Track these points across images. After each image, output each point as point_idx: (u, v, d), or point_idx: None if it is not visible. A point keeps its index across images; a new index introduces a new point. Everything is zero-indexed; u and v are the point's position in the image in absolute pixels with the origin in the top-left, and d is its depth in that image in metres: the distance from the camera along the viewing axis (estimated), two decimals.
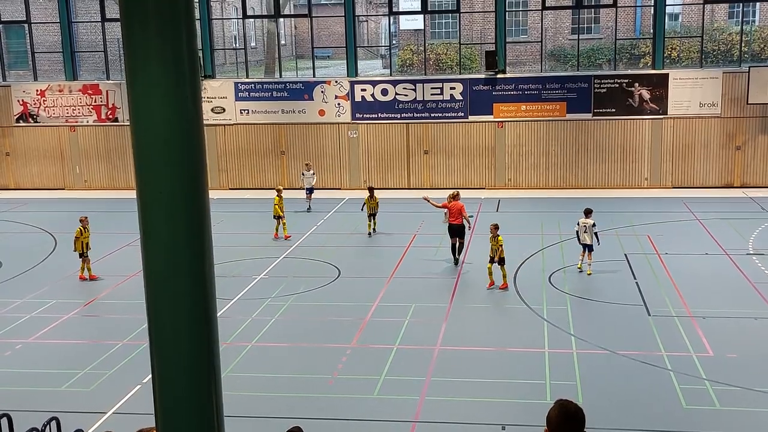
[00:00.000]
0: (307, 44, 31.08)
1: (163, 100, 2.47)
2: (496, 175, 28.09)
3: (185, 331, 2.64)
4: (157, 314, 2.65)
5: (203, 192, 2.59)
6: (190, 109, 2.52)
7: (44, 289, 18.05)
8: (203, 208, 2.60)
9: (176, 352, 2.64)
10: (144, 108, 2.48)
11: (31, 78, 30.87)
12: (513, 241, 21.05)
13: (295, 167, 28.86)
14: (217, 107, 28.97)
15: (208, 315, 2.66)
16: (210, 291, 2.65)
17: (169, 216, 2.54)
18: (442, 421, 11.34)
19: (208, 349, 2.69)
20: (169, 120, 2.49)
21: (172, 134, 2.49)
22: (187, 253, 2.56)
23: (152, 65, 2.45)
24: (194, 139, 2.55)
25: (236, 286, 17.84)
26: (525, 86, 27.52)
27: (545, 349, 13.88)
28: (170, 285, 2.60)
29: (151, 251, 2.56)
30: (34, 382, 12.98)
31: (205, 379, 2.70)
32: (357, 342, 14.51)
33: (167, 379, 2.70)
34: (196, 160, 2.56)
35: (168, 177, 2.51)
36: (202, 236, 2.60)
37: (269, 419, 11.03)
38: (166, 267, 2.57)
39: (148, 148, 2.50)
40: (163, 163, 2.50)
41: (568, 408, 3.91)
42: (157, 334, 2.67)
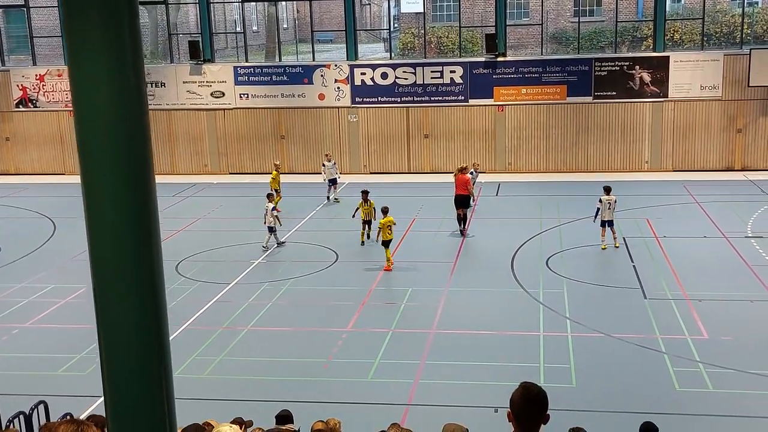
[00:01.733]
0: (309, 28, 30.94)
1: (105, 84, 2.47)
2: (497, 158, 28.03)
3: (132, 317, 2.65)
4: (103, 299, 2.66)
5: (148, 176, 2.59)
6: (133, 92, 2.52)
7: (43, 274, 18.12)
8: (149, 192, 2.60)
9: (124, 339, 2.66)
10: (85, 92, 2.48)
11: (30, 63, 30.83)
12: (512, 224, 21.08)
13: (294, 152, 28.83)
14: (217, 91, 28.92)
15: (156, 300, 2.66)
16: (157, 274, 2.66)
17: (113, 201, 2.54)
18: (435, 404, 11.38)
19: (158, 337, 2.70)
20: (111, 104, 2.48)
21: (114, 119, 2.48)
22: (132, 237, 2.56)
23: (93, 48, 2.45)
24: (138, 124, 2.55)
25: (234, 270, 17.88)
26: (525, 69, 27.39)
27: (540, 333, 13.90)
28: (115, 269, 2.61)
29: (96, 236, 2.57)
30: (29, 367, 13.07)
31: (154, 363, 2.71)
32: (353, 326, 14.56)
33: (115, 366, 2.71)
34: (140, 144, 2.56)
35: (111, 162, 2.51)
36: (149, 221, 2.60)
37: (264, 402, 11.07)
38: (111, 252, 2.58)
39: (90, 133, 2.50)
40: (105, 148, 2.50)
41: (530, 390, 3.93)
42: (104, 322, 2.68)
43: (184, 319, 14.91)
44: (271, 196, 20.38)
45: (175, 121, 29.35)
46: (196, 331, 14.45)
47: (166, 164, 29.43)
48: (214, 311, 15.48)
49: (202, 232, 21.43)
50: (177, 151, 29.51)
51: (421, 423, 10.43)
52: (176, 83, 29.13)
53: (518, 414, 3.87)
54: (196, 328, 14.56)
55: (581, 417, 10.11)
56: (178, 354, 13.18)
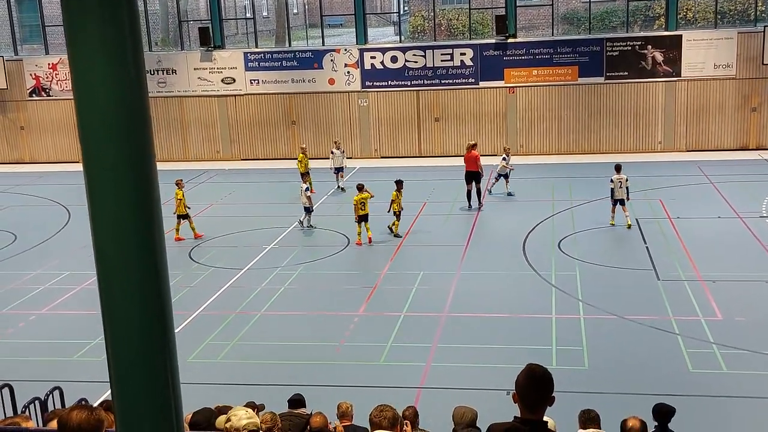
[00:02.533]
0: (319, 12, 30.83)
1: (104, 70, 2.48)
2: (508, 141, 27.86)
3: (136, 303, 2.68)
4: (106, 286, 2.69)
5: (150, 162, 2.60)
6: (133, 78, 2.53)
7: (58, 261, 18.28)
8: (150, 178, 2.62)
9: (128, 326, 2.69)
10: (84, 78, 2.49)
11: (43, 52, 30.94)
12: (524, 207, 21.03)
13: (305, 137, 28.82)
14: (228, 78, 28.92)
15: (160, 286, 2.69)
16: (160, 261, 2.67)
17: (115, 187, 2.56)
18: (447, 387, 11.42)
19: (161, 323, 2.72)
20: (111, 90, 2.50)
21: (114, 105, 2.50)
22: (134, 223, 2.59)
23: (92, 34, 2.46)
24: (138, 109, 2.56)
25: (247, 255, 17.96)
26: (536, 51, 27.20)
27: (552, 315, 13.89)
28: (118, 255, 2.63)
29: (98, 223, 2.59)
30: (45, 353, 13.21)
31: (158, 349, 2.74)
32: (365, 310, 14.61)
33: (120, 352, 2.75)
34: (141, 130, 2.57)
35: (112, 148, 2.53)
36: (150, 206, 2.62)
37: (276, 386, 11.14)
38: (113, 239, 2.60)
39: (91, 119, 2.52)
40: (106, 134, 2.51)
41: (535, 372, 3.94)
42: (108, 310, 2.72)
43: (198, 305, 15.01)
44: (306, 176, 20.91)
45: (187, 108, 29.41)
46: (209, 316, 14.54)
47: (179, 151, 29.53)
48: (228, 296, 15.57)
49: (214, 217, 21.52)
50: (189, 138, 29.59)
51: (433, 405, 10.48)
52: (187, 70, 29.16)
53: (524, 395, 3.89)
54: (210, 314, 14.66)
55: (594, 399, 10.12)
56: (192, 339, 13.30)
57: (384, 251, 17.90)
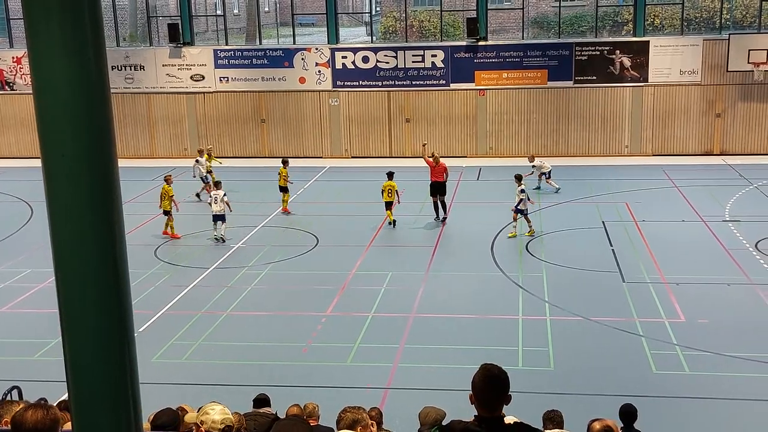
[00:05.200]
0: (290, 11, 30.69)
1: (64, 62, 2.42)
2: (478, 143, 28.03)
3: (94, 300, 2.62)
4: (64, 284, 2.63)
5: (110, 156, 2.54)
6: (93, 71, 2.47)
7: (20, 258, 17.94)
8: (111, 172, 2.56)
9: (85, 325, 2.63)
10: (44, 71, 2.43)
11: (7, 45, 30.37)
12: (492, 209, 21.11)
13: (275, 135, 28.67)
14: (197, 75, 28.65)
15: (119, 283, 2.63)
16: (120, 257, 2.62)
17: (72, 181, 2.50)
18: (414, 388, 11.41)
19: (120, 321, 2.66)
20: (70, 82, 2.44)
21: (73, 97, 2.44)
22: (92, 217, 2.53)
23: (52, 26, 2.40)
24: (98, 102, 2.50)
25: (213, 254, 17.80)
26: (506, 54, 27.36)
27: (519, 316, 13.96)
28: (76, 250, 2.57)
29: (56, 217, 2.53)
30: (4, 352, 12.95)
31: (116, 347, 2.68)
32: (333, 310, 14.55)
33: (77, 351, 2.68)
34: (101, 124, 2.51)
35: (72, 144, 2.47)
36: (110, 200, 2.56)
37: (243, 387, 11.04)
38: (71, 233, 2.54)
39: (49, 112, 2.45)
40: (65, 126, 2.45)
41: (491, 371, 3.95)
42: (66, 308, 2.65)
43: (163, 304, 14.83)
44: (219, 183, 19.46)
45: (155, 105, 29.07)
46: (175, 315, 14.37)
47: (145, 147, 29.18)
48: (194, 296, 15.40)
49: (180, 215, 21.26)
50: (156, 135, 29.26)
51: (400, 406, 10.46)
52: (156, 66, 28.82)
53: (480, 395, 3.91)
54: (175, 313, 14.49)
55: (559, 400, 10.19)
56: (157, 338, 13.13)
57: (353, 251, 17.85)
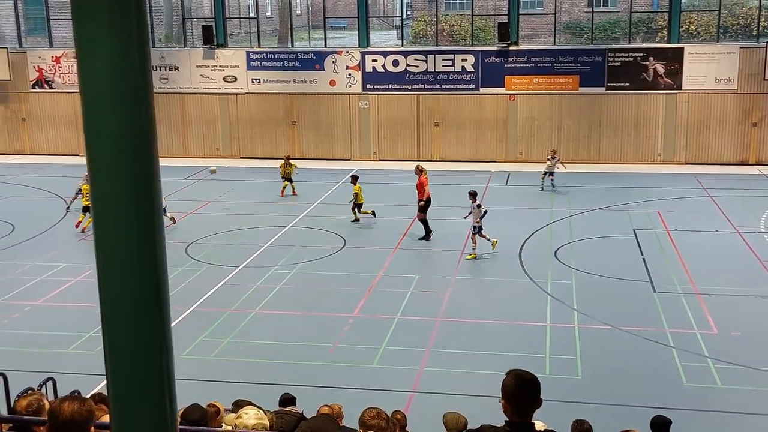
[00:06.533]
0: (322, 14, 30.88)
1: (110, 62, 2.49)
2: (507, 148, 27.94)
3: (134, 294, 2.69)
4: (106, 279, 2.70)
5: (152, 155, 2.62)
6: (138, 71, 2.54)
7: (55, 253, 18.24)
8: (152, 171, 2.62)
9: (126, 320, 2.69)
10: (90, 70, 2.50)
11: (47, 44, 30.92)
12: (522, 214, 21.03)
13: (305, 137, 28.83)
14: (229, 76, 28.92)
15: (158, 278, 2.69)
16: (159, 252, 2.68)
17: (116, 179, 2.57)
18: (439, 392, 11.39)
19: (159, 318, 2.73)
20: (116, 82, 2.51)
21: (118, 97, 2.51)
22: (134, 214, 2.60)
23: (99, 27, 2.47)
24: (142, 102, 2.57)
25: (242, 253, 17.94)
26: (538, 59, 27.25)
27: (547, 323, 13.88)
28: (118, 246, 2.64)
29: (100, 213, 2.60)
30: (40, 344, 13.18)
31: (155, 344, 2.75)
32: (359, 311, 14.59)
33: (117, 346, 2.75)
34: (144, 123, 2.58)
35: (115, 139, 2.54)
36: (151, 198, 2.63)
37: (269, 385, 11.12)
38: (114, 229, 2.61)
39: (95, 110, 2.53)
40: (109, 125, 2.52)
41: (524, 376, 3.96)
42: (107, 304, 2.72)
43: (193, 301, 14.98)
44: None
45: (188, 105, 29.39)
46: (204, 312, 14.51)
47: (178, 147, 29.51)
48: (223, 294, 15.54)
49: (212, 215, 21.50)
50: (189, 135, 29.58)
51: (425, 410, 10.46)
52: (190, 67, 29.15)
53: (513, 401, 3.92)
54: (205, 310, 14.63)
55: (586, 409, 10.13)
56: (186, 335, 13.27)
57: (380, 253, 17.88)
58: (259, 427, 5.94)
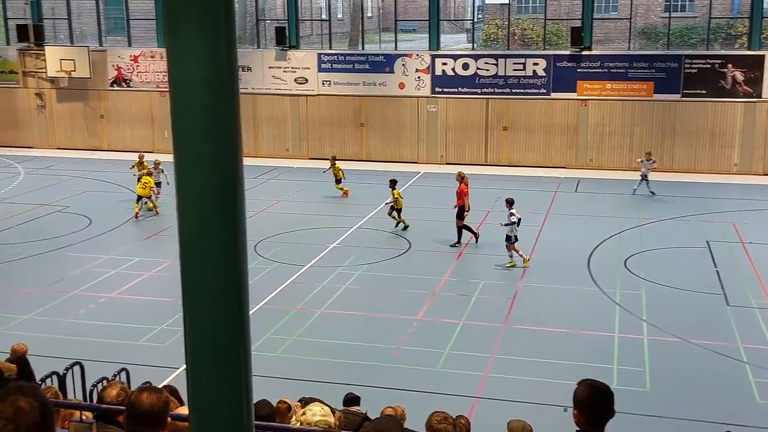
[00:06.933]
0: (393, 17, 31.03)
1: (199, 62, 2.59)
2: (578, 154, 27.53)
3: (216, 292, 2.78)
4: (189, 274, 2.79)
5: (237, 154, 2.72)
6: (225, 71, 2.64)
7: (129, 247, 18.83)
8: (237, 170, 2.72)
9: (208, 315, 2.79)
10: (180, 70, 2.61)
11: (125, 44, 31.93)
12: (591, 222, 20.70)
13: (373, 139, 29.01)
14: (300, 78, 29.32)
15: (239, 273, 2.78)
16: (241, 249, 2.77)
17: (201, 176, 2.67)
18: (503, 399, 11.33)
19: (239, 313, 2.82)
20: (205, 82, 2.61)
21: (206, 96, 2.62)
22: (218, 212, 2.70)
23: (189, 33, 2.58)
24: (228, 102, 2.67)
25: (309, 253, 18.17)
26: (611, 64, 26.77)
27: (615, 334, 13.65)
28: (201, 242, 2.74)
29: (184, 209, 2.71)
30: (113, 335, 13.62)
31: (234, 339, 2.84)
32: (424, 315, 14.61)
33: (198, 339, 2.84)
34: (230, 123, 2.68)
35: (203, 138, 2.64)
36: (235, 197, 2.73)
37: (333, 384, 11.24)
38: (198, 226, 2.71)
39: (183, 110, 2.63)
40: (197, 124, 2.62)
41: (598, 387, 3.92)
42: (189, 300, 2.82)
43: (261, 298, 15.24)
44: None
45: (260, 105, 29.91)
46: (271, 310, 14.76)
47: (249, 147, 30.01)
48: (290, 292, 15.78)
49: (280, 214, 21.83)
50: (260, 135, 30.10)
51: (489, 417, 10.42)
52: (262, 68, 29.67)
53: (587, 411, 3.88)
54: (272, 308, 14.88)
55: (654, 422, 9.93)
56: (253, 332, 13.31)
57: (445, 257, 17.86)
58: (322, 424, 6.02)
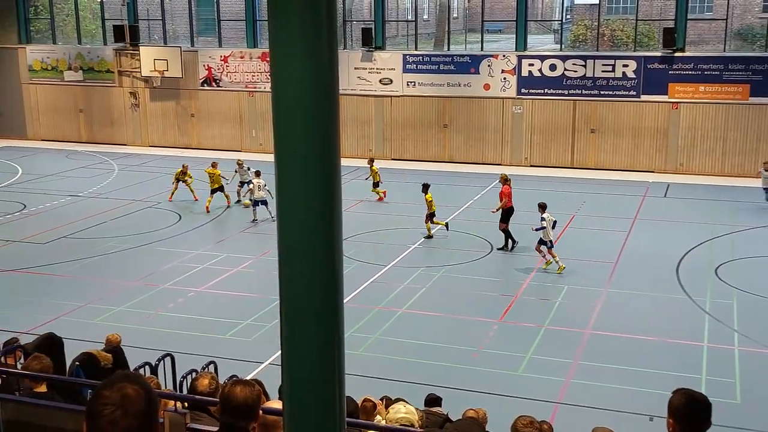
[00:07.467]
0: (479, 18, 30.88)
1: (302, 63, 2.69)
2: (667, 158, 26.76)
3: (313, 287, 2.87)
4: (287, 267, 2.89)
5: (335, 154, 2.81)
6: (327, 72, 2.73)
7: (217, 243, 19.39)
8: (335, 170, 2.81)
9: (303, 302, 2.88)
10: (283, 70, 2.71)
11: (216, 44, 32.85)
12: (680, 228, 20.10)
13: (456, 141, 28.93)
14: (385, 79, 29.51)
15: (335, 272, 2.88)
16: (338, 246, 2.86)
17: (302, 175, 2.76)
18: (586, 406, 11.16)
19: (334, 311, 2.92)
20: (307, 83, 2.71)
21: (308, 96, 2.71)
22: (317, 209, 2.79)
23: (293, 34, 2.68)
24: (329, 102, 2.76)
25: (391, 253, 18.29)
26: (705, 66, 25.89)
27: (704, 343, 13.24)
28: (300, 239, 2.83)
29: (284, 206, 2.81)
30: (201, 328, 14.06)
31: (330, 336, 2.94)
32: (505, 318, 14.51)
33: (295, 336, 2.94)
34: (330, 123, 2.77)
35: (304, 138, 2.74)
36: (333, 195, 2.82)
37: (413, 384, 11.31)
38: (297, 223, 2.80)
39: (286, 110, 2.74)
40: (299, 124, 2.72)
41: (695, 397, 3.83)
42: (288, 290, 2.92)
43: (344, 296, 15.41)
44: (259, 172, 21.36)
45: (345, 106, 30.25)
46: (353, 308, 14.92)
47: None
48: (371, 291, 15.93)
49: (363, 214, 22.05)
50: (344, 135, 30.44)
51: (571, 423, 10.29)
52: (348, 69, 29.99)
53: (684, 421, 3.79)
54: (354, 306, 15.04)
55: None
56: None
57: (527, 260, 17.67)
58: (405, 422, 6.09)
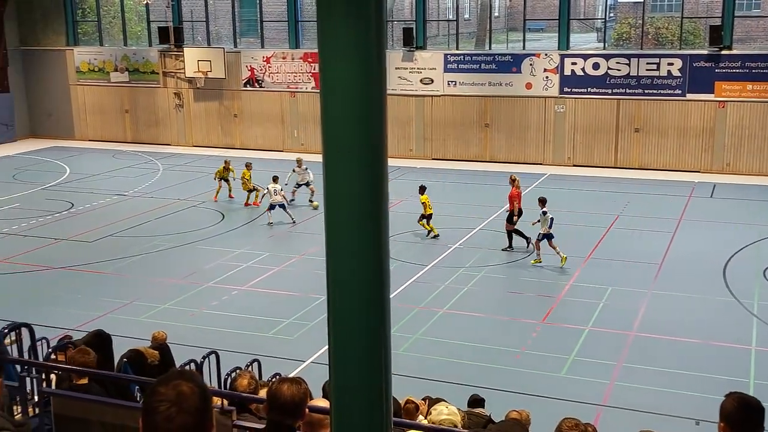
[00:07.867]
0: (521, 16, 30.69)
1: (351, 63, 2.73)
2: (713, 158, 26.27)
3: (360, 285, 2.91)
4: (335, 267, 2.93)
5: (383, 154, 2.84)
6: (375, 71, 2.78)
7: (260, 242, 19.59)
8: (382, 169, 2.84)
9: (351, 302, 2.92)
10: (332, 71, 2.75)
11: (258, 45, 33.17)
12: (727, 229, 19.73)
13: (497, 140, 28.78)
14: (426, 78, 29.48)
15: (382, 272, 2.91)
16: (385, 247, 2.89)
17: (351, 173, 2.80)
18: (630, 408, 11.03)
19: (381, 310, 2.95)
20: (356, 83, 2.75)
21: (357, 96, 2.76)
22: (364, 209, 2.83)
23: (342, 34, 2.72)
24: (377, 102, 2.80)
25: (432, 252, 18.28)
26: (753, 64, 25.36)
27: (752, 347, 12.99)
28: (347, 238, 2.87)
29: (331, 206, 2.85)
30: (244, 326, 14.23)
31: (377, 335, 2.97)
32: (548, 319, 14.41)
33: (342, 334, 2.98)
34: (378, 122, 2.81)
35: (352, 138, 2.78)
36: (380, 196, 2.85)
37: (454, 385, 11.30)
38: (344, 222, 2.84)
39: (334, 110, 2.78)
40: (347, 124, 2.77)
41: (749, 401, 3.76)
42: (335, 290, 2.95)
43: None
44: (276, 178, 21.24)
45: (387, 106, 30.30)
46: (394, 307, 14.77)
47: None
48: (413, 290, 15.94)
49: (403, 213, 22.06)
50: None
51: (614, 426, 10.19)
52: (389, 69, 29.96)
53: (737, 425, 3.73)
54: (395, 305, 14.96)
55: None
56: None
57: (570, 261, 17.50)
58: (447, 423, 6.10)
